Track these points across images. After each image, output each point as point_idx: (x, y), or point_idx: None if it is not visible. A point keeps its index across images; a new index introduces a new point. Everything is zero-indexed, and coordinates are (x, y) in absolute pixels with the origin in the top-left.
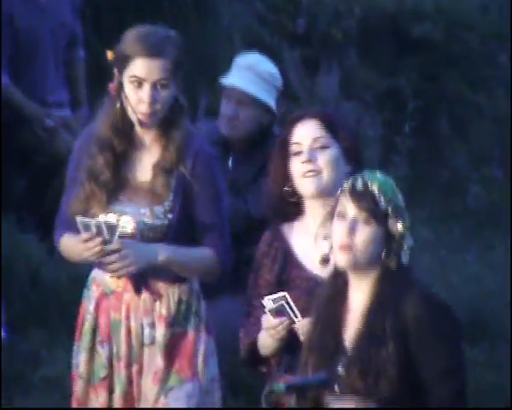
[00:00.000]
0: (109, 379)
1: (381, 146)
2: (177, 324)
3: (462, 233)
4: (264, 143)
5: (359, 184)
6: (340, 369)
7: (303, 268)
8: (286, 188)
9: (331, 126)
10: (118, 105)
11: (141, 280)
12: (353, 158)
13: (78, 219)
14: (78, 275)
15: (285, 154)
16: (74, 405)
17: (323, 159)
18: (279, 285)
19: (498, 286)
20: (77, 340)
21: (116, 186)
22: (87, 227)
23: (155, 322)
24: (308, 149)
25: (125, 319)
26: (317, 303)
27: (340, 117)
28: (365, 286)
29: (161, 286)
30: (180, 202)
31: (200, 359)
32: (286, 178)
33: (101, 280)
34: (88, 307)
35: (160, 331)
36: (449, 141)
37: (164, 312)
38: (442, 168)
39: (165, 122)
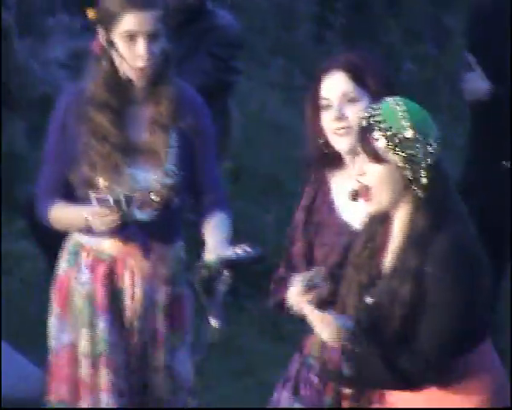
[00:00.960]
0: (109, 353)
1: (315, 23)
2: (177, 284)
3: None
4: (195, 19)
5: (364, 121)
6: (369, 299)
7: (336, 212)
8: (321, 140)
9: (359, 76)
10: (104, 63)
11: (147, 244)
12: None
13: (93, 195)
14: None
15: (316, 107)
16: (83, 389)
17: (354, 114)
18: (310, 224)
19: None
20: (62, 316)
21: (125, 147)
22: (104, 202)
23: (157, 284)
24: (337, 104)
25: (129, 287)
26: (365, 228)
27: (369, 63)
28: (402, 216)
29: (162, 247)
30: (183, 158)
31: (190, 314)
32: (320, 130)
33: (95, 246)
34: (77, 276)
35: (162, 293)
36: (382, 18)
37: (165, 273)
38: (376, 45)
39: (155, 76)
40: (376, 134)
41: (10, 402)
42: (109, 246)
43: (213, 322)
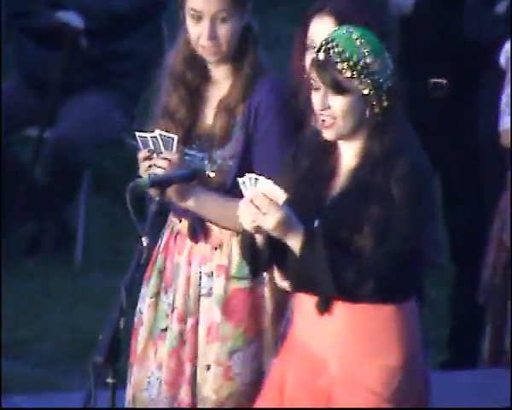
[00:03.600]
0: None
1: None
2: (240, 276)
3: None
4: None
5: (321, 55)
6: (316, 223)
7: None
8: (303, 80)
9: (347, 23)
10: (183, 36)
11: (199, 224)
12: None
13: (137, 133)
14: None
15: (302, 47)
16: (133, 363)
17: None
18: None
19: None
20: (145, 282)
21: (191, 126)
22: (145, 143)
23: (214, 272)
24: None
25: (186, 265)
26: (299, 162)
27: (359, 9)
28: (355, 146)
29: (223, 233)
30: (241, 147)
31: (266, 316)
32: (303, 70)
33: (172, 218)
34: (160, 245)
35: (219, 283)
36: None
37: (224, 262)
38: None
39: (236, 56)
40: (339, 65)
41: None
42: (176, 219)
43: (145, 242)
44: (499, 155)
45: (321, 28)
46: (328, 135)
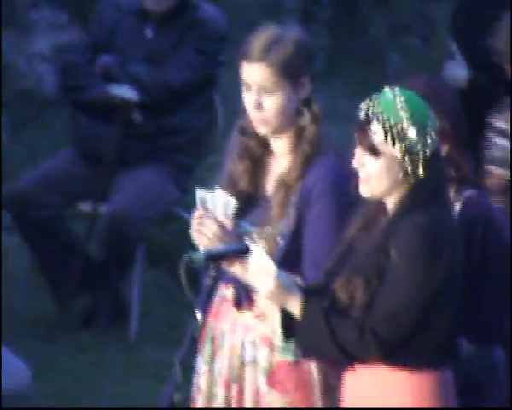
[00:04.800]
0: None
1: (301, 16)
2: (286, 350)
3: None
4: (184, 12)
5: (361, 114)
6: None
7: None
8: None
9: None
10: None
11: (244, 292)
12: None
13: (197, 191)
14: None
15: None
16: None
17: None
18: None
19: None
20: (200, 352)
21: (250, 197)
22: (203, 202)
23: (257, 342)
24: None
25: (230, 332)
26: (349, 231)
27: (440, 96)
28: (393, 200)
29: (267, 303)
30: (292, 226)
31: (317, 392)
32: None
33: (221, 284)
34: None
35: (263, 354)
36: (368, 11)
37: (268, 333)
38: (361, 38)
39: (296, 131)
40: (374, 126)
41: None
42: (222, 283)
43: (199, 316)
44: None
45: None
46: (363, 190)
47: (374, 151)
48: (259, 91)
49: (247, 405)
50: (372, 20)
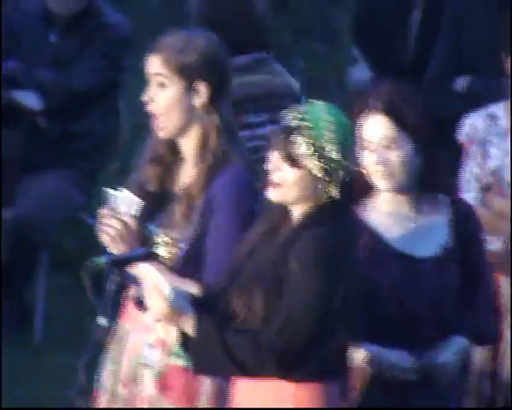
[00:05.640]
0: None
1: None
2: (178, 354)
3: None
4: (88, 16)
5: (288, 120)
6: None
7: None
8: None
9: (400, 119)
10: None
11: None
12: None
13: (105, 189)
14: None
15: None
16: None
17: (396, 158)
18: None
19: None
20: (108, 347)
21: (158, 201)
22: (109, 201)
23: (154, 344)
24: (378, 148)
25: (133, 332)
26: (251, 236)
27: (408, 101)
28: (299, 211)
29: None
30: (197, 232)
31: (204, 399)
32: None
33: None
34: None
35: (157, 357)
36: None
37: (163, 336)
38: None
39: (201, 140)
40: (299, 138)
41: None
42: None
43: (102, 321)
44: None
45: (374, 127)
46: (271, 194)
47: (292, 161)
48: (154, 84)
49: (145, 407)
50: (275, 24)
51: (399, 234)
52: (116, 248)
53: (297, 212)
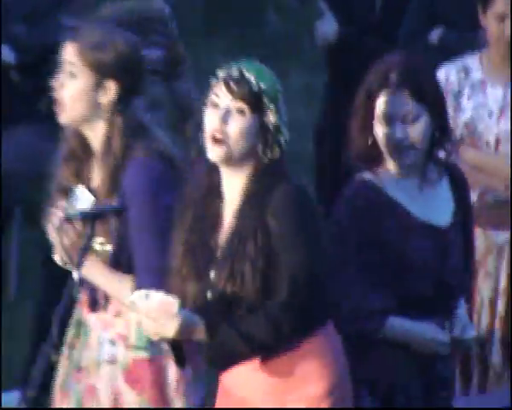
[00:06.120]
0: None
1: None
2: (140, 347)
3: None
4: None
5: (235, 72)
6: (212, 275)
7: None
8: (369, 141)
9: (420, 95)
10: None
11: (99, 294)
12: None
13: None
14: None
15: (370, 116)
16: None
17: (415, 132)
18: None
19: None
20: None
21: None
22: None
23: (115, 340)
24: (397, 123)
25: (93, 325)
26: (189, 201)
27: (426, 73)
28: (239, 182)
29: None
30: (118, 231)
31: (172, 388)
32: (370, 133)
33: None
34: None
35: (121, 352)
36: None
37: (124, 331)
38: None
39: (105, 140)
40: (253, 86)
41: None
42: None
43: (75, 275)
44: None
45: (396, 104)
46: (213, 153)
47: (249, 105)
48: (65, 71)
49: (104, 405)
50: None
51: (420, 206)
52: (63, 255)
53: (238, 173)
